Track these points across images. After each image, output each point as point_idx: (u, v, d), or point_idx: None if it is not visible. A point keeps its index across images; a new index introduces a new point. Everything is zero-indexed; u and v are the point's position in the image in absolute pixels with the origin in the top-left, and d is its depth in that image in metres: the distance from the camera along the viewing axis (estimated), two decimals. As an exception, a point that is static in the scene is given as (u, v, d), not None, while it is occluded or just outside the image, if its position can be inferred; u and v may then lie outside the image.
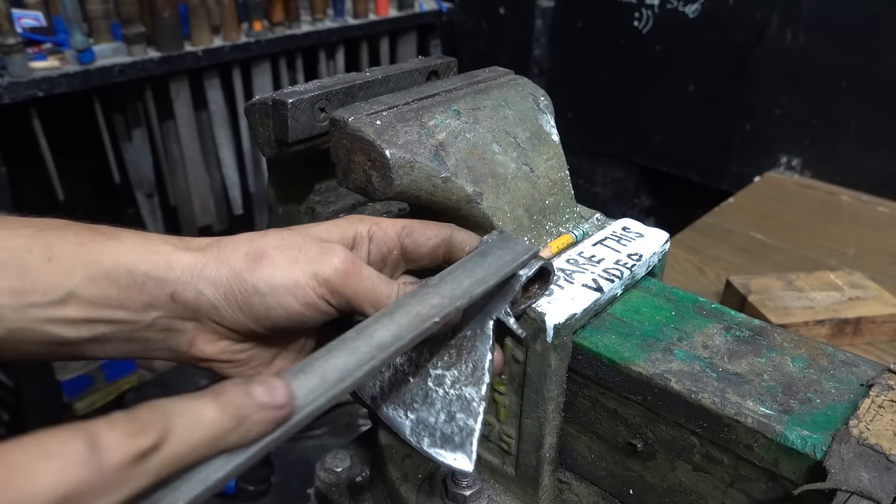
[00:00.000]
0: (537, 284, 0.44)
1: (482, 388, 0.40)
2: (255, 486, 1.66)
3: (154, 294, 0.38)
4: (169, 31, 1.63)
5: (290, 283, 0.38)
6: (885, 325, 0.92)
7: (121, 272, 0.37)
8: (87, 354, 0.39)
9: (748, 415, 0.39)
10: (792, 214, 1.37)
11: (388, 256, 0.44)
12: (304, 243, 0.40)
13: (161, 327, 0.39)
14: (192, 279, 0.38)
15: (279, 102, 0.49)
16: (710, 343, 0.45)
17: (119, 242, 0.38)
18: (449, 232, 0.44)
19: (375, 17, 2.11)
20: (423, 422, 0.41)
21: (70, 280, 0.37)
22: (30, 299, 0.36)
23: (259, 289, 0.38)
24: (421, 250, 0.43)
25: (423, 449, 0.41)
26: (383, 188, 0.45)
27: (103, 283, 0.37)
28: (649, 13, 1.89)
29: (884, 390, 0.40)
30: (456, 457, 0.40)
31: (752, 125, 1.77)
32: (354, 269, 0.39)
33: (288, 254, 0.39)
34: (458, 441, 0.40)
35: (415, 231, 0.43)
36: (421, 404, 0.41)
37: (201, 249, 0.39)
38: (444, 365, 0.41)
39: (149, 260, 0.38)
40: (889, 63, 1.50)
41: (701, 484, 0.44)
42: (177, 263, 0.38)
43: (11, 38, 1.38)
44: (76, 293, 0.37)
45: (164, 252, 0.38)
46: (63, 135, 1.76)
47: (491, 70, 0.58)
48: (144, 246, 0.39)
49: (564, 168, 0.54)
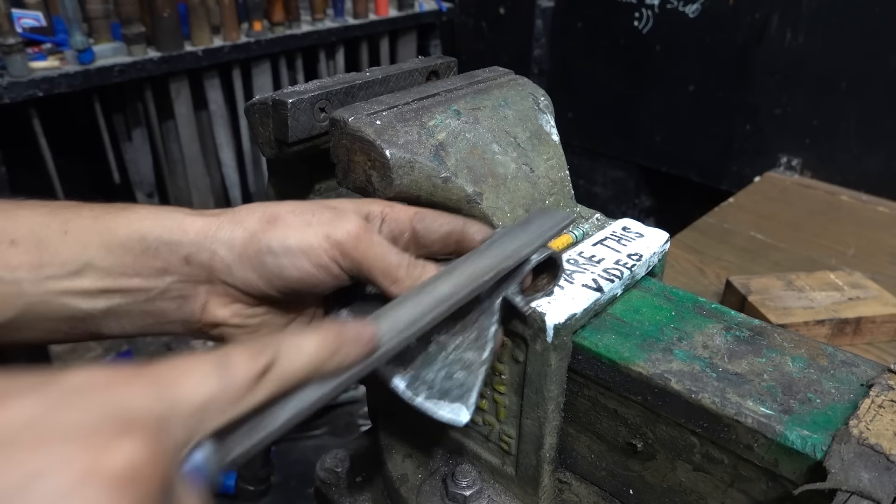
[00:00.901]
0: (546, 278, 0.45)
1: (484, 353, 0.41)
2: (255, 486, 1.65)
3: (168, 259, 0.39)
4: (169, 31, 1.63)
5: (304, 245, 0.39)
6: (885, 325, 0.92)
7: (135, 239, 0.38)
8: (104, 331, 0.40)
9: (748, 415, 0.39)
10: (792, 214, 1.37)
11: (399, 238, 0.44)
12: (318, 209, 0.41)
13: (175, 294, 0.40)
14: (205, 241, 0.39)
15: (279, 102, 0.49)
16: (710, 343, 0.45)
17: (132, 213, 0.40)
18: (461, 223, 0.44)
19: (375, 17, 2.11)
20: (420, 378, 0.42)
21: (86, 251, 0.38)
22: (48, 272, 0.37)
23: (273, 248, 0.39)
24: (432, 236, 0.44)
25: (419, 402, 0.41)
26: (383, 188, 0.45)
27: (118, 252, 0.38)
28: (649, 13, 1.89)
29: (884, 390, 0.40)
30: (452, 408, 0.40)
31: (752, 125, 1.77)
32: (366, 235, 0.40)
33: (302, 217, 0.40)
34: (455, 394, 0.40)
35: (427, 217, 0.44)
36: (421, 364, 0.42)
37: (214, 215, 0.41)
38: (447, 332, 0.43)
39: (162, 225, 0.39)
40: (889, 63, 1.50)
41: (701, 484, 0.44)
42: (190, 227, 0.39)
43: (11, 38, 1.38)
44: (92, 263, 0.38)
45: (176, 218, 0.40)
46: (63, 135, 1.76)
47: (491, 70, 0.58)
48: (157, 213, 0.40)
49: (564, 168, 0.54)
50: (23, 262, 0.37)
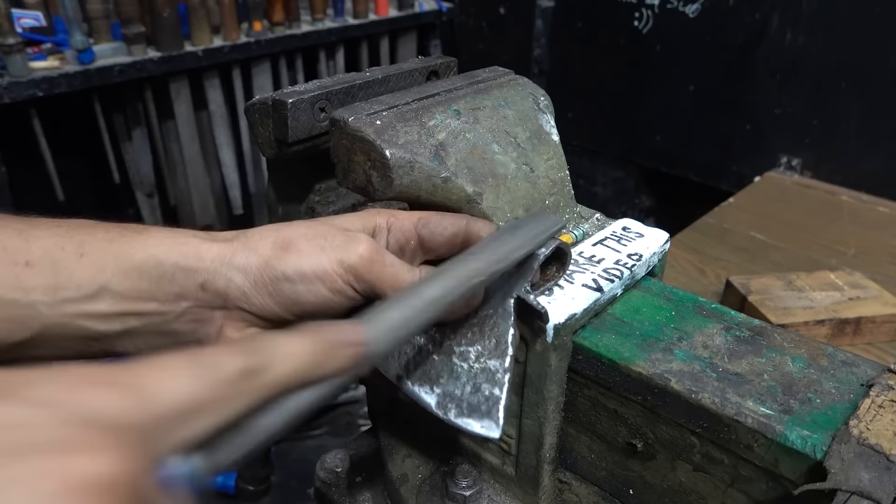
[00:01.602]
0: (555, 267, 0.45)
1: (506, 361, 0.41)
2: (255, 487, 1.65)
3: (184, 284, 0.39)
4: (169, 31, 1.63)
5: (319, 270, 0.39)
6: (885, 325, 0.92)
7: (151, 264, 0.38)
8: (119, 349, 0.40)
9: (748, 415, 0.39)
10: (792, 214, 1.37)
11: (406, 246, 0.44)
12: (330, 232, 0.41)
13: (191, 318, 0.40)
14: (221, 268, 0.39)
15: (279, 102, 0.49)
16: (710, 343, 0.45)
17: (148, 237, 0.40)
18: (465, 222, 0.44)
19: (375, 17, 2.11)
20: (449, 394, 0.43)
21: (102, 275, 0.38)
22: (63, 295, 0.37)
23: (289, 275, 0.39)
24: (437, 240, 0.44)
25: (450, 420, 0.42)
26: (383, 188, 0.45)
27: (135, 276, 0.38)
28: (649, 13, 1.89)
29: (884, 390, 0.40)
30: (483, 424, 0.41)
31: (752, 125, 1.77)
32: (378, 257, 0.40)
33: (315, 242, 0.40)
34: (484, 410, 0.41)
35: (431, 222, 0.44)
36: (447, 379, 0.43)
37: (228, 240, 0.40)
38: (467, 342, 0.43)
39: (178, 251, 0.39)
40: (889, 63, 1.50)
41: (701, 484, 0.44)
42: (206, 254, 0.39)
43: (11, 37, 1.38)
44: (109, 287, 0.38)
45: (192, 244, 0.40)
46: (63, 135, 1.76)
47: (491, 70, 0.58)
48: (173, 238, 0.40)
49: (564, 168, 0.54)
50: (38, 284, 0.37)
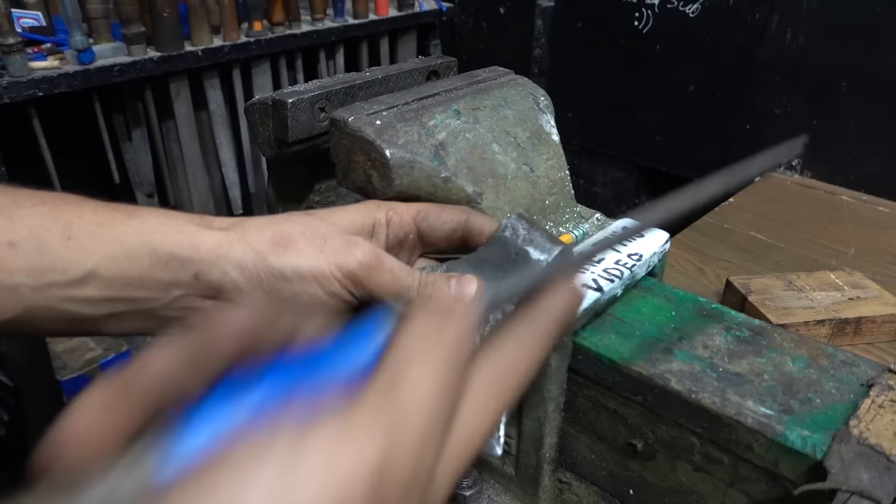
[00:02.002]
0: None
1: None
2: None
3: (177, 274, 0.38)
4: (169, 31, 1.63)
5: (317, 272, 0.39)
6: (885, 325, 0.92)
7: (144, 252, 0.37)
8: (104, 331, 0.40)
9: (748, 415, 0.39)
10: (792, 214, 1.37)
11: (405, 240, 0.44)
12: (329, 233, 0.40)
13: (181, 305, 0.39)
14: (217, 260, 0.38)
15: (279, 102, 0.49)
16: (710, 343, 0.45)
17: (141, 222, 0.38)
18: (465, 216, 0.44)
19: (375, 17, 2.11)
20: None
21: (90, 259, 0.37)
22: (49, 278, 0.36)
23: (285, 275, 0.38)
24: (436, 234, 0.44)
25: None
26: (383, 188, 0.45)
27: (125, 263, 0.37)
28: (649, 13, 1.88)
29: (884, 390, 0.40)
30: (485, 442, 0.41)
31: (752, 125, 1.77)
32: (377, 263, 0.39)
33: (313, 242, 0.39)
34: None
35: (430, 215, 0.44)
36: None
37: (224, 229, 0.39)
38: None
39: (173, 240, 0.38)
40: (889, 63, 1.50)
41: (701, 484, 0.44)
42: (202, 244, 0.38)
43: (11, 37, 1.38)
44: (96, 272, 0.37)
45: (188, 231, 0.39)
46: (63, 135, 1.76)
47: (491, 70, 0.58)
48: (168, 224, 0.39)
49: (564, 168, 0.54)
50: (22, 266, 0.35)
